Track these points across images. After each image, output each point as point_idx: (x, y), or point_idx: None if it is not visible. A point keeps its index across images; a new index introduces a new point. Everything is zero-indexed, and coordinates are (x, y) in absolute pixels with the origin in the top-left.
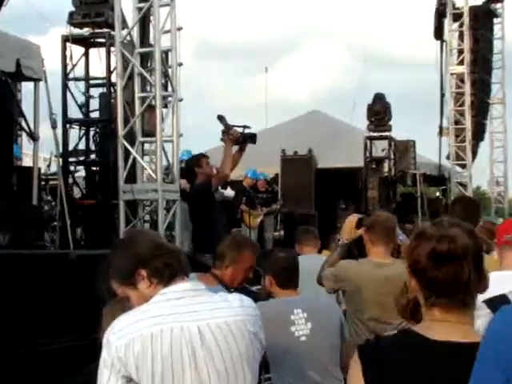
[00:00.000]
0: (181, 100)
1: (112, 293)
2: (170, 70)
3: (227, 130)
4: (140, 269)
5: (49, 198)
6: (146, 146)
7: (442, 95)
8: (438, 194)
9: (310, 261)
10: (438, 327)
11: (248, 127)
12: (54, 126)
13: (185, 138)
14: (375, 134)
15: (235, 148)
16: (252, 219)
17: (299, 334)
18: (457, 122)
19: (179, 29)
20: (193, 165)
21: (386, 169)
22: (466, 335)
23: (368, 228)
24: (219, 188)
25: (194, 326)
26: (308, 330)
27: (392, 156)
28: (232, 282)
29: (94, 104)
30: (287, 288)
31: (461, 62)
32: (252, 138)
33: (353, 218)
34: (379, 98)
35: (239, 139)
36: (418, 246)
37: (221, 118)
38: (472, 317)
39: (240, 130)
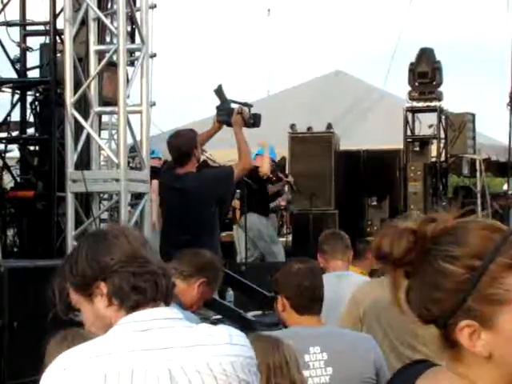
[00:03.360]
0: (153, 56)
1: (65, 301)
2: (138, 14)
3: (238, 108)
4: (99, 281)
5: None
6: (105, 118)
7: None
8: (505, 187)
9: (338, 281)
10: None
11: (250, 105)
12: None
13: (158, 109)
14: (420, 105)
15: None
16: None
17: (314, 382)
18: None
19: None
20: (189, 145)
21: (433, 152)
22: None
23: None
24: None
25: (164, 369)
26: (327, 378)
27: (443, 135)
28: (196, 303)
29: (33, 59)
30: (306, 313)
31: None
32: (258, 120)
33: None
34: (426, 55)
35: (249, 121)
36: None
37: (219, 92)
38: None
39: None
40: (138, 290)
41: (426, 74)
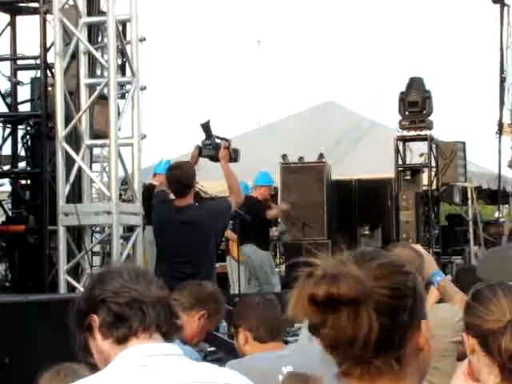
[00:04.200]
0: (144, 88)
1: (81, 343)
2: (128, 48)
3: (225, 143)
4: (91, 314)
5: None
6: (96, 151)
7: (503, 80)
8: (497, 215)
9: None
10: None
11: (229, 141)
12: None
13: (149, 141)
14: (410, 134)
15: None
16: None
17: None
18: None
19: None
20: (189, 177)
21: (425, 181)
22: None
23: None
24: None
25: None
26: None
27: (434, 163)
28: (197, 337)
29: (24, 93)
30: (270, 341)
31: None
32: (238, 155)
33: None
34: (416, 84)
35: (232, 156)
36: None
37: (206, 126)
38: None
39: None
40: (123, 318)
41: (416, 103)
